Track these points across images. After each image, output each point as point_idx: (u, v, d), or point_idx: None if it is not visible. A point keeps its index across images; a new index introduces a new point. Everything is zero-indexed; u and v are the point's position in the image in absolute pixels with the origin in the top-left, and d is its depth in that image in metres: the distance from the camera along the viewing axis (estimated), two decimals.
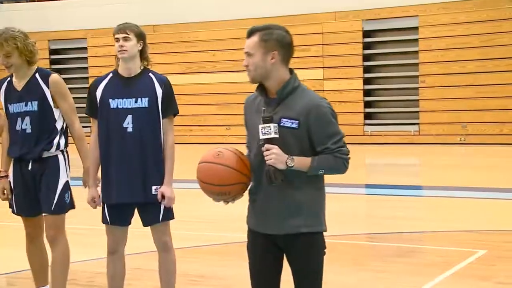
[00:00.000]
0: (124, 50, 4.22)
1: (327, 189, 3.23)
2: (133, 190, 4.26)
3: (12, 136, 4.58)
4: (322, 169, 3.07)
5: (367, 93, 17.99)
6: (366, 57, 17.92)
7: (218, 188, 3.06)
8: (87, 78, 19.48)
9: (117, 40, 4.22)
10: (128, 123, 4.23)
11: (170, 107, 4.34)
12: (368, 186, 11.60)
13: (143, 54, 4.32)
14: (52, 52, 20.72)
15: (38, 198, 4.55)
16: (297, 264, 3.16)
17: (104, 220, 4.39)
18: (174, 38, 19.14)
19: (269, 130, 2.97)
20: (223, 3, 18.87)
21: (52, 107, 4.51)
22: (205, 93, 18.71)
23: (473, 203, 9.43)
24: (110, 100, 4.26)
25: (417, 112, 17.44)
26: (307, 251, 3.14)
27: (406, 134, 17.38)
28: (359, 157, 14.89)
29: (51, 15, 20.64)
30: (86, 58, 20.29)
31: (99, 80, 4.36)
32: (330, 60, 17.71)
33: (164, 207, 4.32)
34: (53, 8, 20.89)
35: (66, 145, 4.63)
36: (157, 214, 4.32)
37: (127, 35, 4.22)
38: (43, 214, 4.56)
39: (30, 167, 4.54)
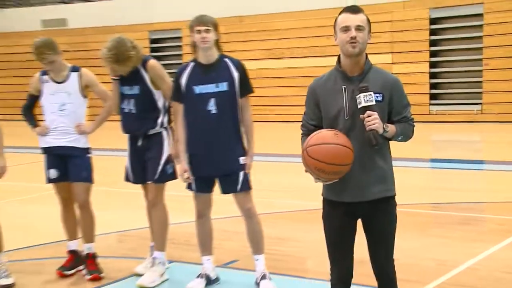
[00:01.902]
0: (207, 41, 4.24)
1: (394, 163, 3.21)
2: (221, 163, 4.32)
3: (121, 114, 4.72)
4: (402, 135, 3.09)
5: (432, 75, 17.53)
6: (432, 43, 17.43)
7: (338, 167, 2.93)
8: (181, 64, 19.84)
9: (199, 32, 4.24)
10: (211, 106, 4.27)
11: (246, 88, 4.37)
12: (433, 160, 11.36)
13: (217, 43, 4.35)
14: (152, 41, 21.19)
15: (145, 169, 4.69)
16: (380, 227, 3.11)
17: (190, 187, 4.46)
18: (258, 28, 19.18)
19: (370, 98, 2.93)
20: None
21: (151, 89, 4.59)
22: (284, 76, 18.70)
23: None
24: (194, 87, 4.31)
25: (480, 93, 16.86)
26: (390, 213, 3.13)
27: (469, 113, 16.85)
28: (425, 134, 14.56)
29: (151, 9, 21.09)
30: (180, 46, 20.63)
31: (182, 69, 4.39)
32: (398, 45, 17.33)
33: (242, 178, 4.36)
34: (153, 2, 21.32)
35: (169, 122, 4.72)
36: (236, 184, 4.37)
37: (208, 27, 4.24)
38: (148, 182, 4.70)
39: (140, 143, 4.69)
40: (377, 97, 2.98)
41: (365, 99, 2.93)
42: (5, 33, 23.51)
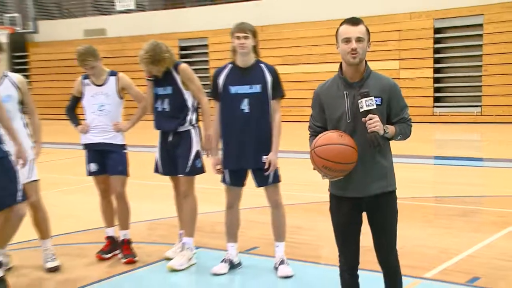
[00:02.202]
0: (245, 46, 4.23)
1: (401, 160, 3.17)
2: (249, 158, 4.32)
3: (155, 113, 4.74)
4: (401, 135, 3.04)
5: (436, 80, 17.34)
6: (436, 50, 17.24)
7: (344, 166, 2.90)
8: (207, 69, 19.87)
9: (238, 38, 4.22)
10: (244, 105, 4.27)
11: (278, 91, 4.34)
12: (436, 157, 11.24)
13: (255, 48, 4.34)
14: (181, 48, 21.25)
15: (175, 163, 4.71)
16: (382, 219, 3.08)
17: (223, 181, 4.48)
18: (277, 36, 19.14)
19: (371, 102, 2.89)
20: (316, 7, 18.67)
21: (182, 89, 4.62)
22: (301, 80, 18.64)
23: None
24: (230, 87, 4.30)
25: (480, 96, 16.66)
26: (390, 207, 3.08)
27: (469, 115, 16.66)
28: (429, 134, 14.45)
29: (180, 19, 21.17)
30: (207, 53, 20.68)
31: (220, 70, 4.39)
32: (405, 53, 17.17)
33: (273, 172, 4.33)
34: (182, 14, 21.40)
35: (197, 120, 4.74)
36: (267, 178, 4.36)
37: (247, 34, 4.23)
38: (179, 175, 4.72)
39: (170, 139, 4.71)
40: (376, 101, 2.94)
41: (367, 103, 2.89)
42: (51, 42, 23.78)
